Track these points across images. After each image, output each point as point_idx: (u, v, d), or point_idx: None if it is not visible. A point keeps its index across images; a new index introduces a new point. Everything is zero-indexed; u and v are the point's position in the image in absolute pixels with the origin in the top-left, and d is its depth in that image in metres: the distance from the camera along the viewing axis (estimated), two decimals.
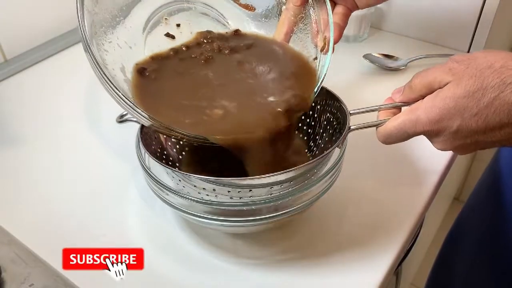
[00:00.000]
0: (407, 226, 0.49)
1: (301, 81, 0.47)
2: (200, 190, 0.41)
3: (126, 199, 0.52)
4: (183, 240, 0.48)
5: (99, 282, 0.44)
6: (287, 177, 0.40)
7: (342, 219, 0.50)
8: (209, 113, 0.43)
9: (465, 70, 0.37)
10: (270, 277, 0.45)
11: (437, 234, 1.28)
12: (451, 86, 0.37)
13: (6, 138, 0.61)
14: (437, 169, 0.55)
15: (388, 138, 0.42)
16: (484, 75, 0.36)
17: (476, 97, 0.36)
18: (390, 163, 0.56)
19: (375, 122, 0.43)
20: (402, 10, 0.79)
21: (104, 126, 0.62)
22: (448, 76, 0.37)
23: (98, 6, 0.43)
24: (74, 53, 0.78)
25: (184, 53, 0.50)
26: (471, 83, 0.36)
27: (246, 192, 0.40)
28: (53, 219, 0.50)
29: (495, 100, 0.35)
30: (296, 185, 0.41)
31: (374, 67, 0.72)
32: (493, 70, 0.36)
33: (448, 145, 0.40)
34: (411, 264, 1.02)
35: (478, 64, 0.36)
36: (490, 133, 0.37)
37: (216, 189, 0.40)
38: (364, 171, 0.55)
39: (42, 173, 0.56)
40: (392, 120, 0.41)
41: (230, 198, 0.41)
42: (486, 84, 0.35)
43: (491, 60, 0.36)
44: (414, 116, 0.39)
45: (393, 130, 0.41)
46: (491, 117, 0.36)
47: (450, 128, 0.38)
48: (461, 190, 1.42)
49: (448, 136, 0.39)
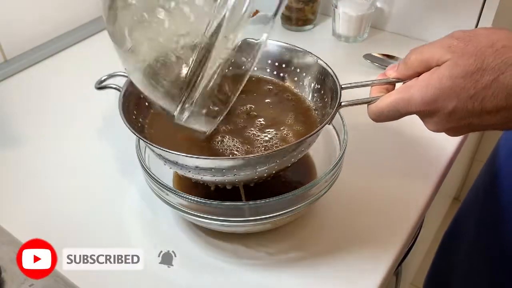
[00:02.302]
0: (407, 226, 0.49)
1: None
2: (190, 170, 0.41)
3: (126, 199, 0.52)
4: (183, 240, 0.48)
5: (99, 282, 0.44)
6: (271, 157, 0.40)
7: (342, 219, 0.50)
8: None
9: (464, 48, 0.35)
10: (270, 277, 0.45)
11: (437, 234, 1.28)
12: (449, 64, 0.35)
13: (6, 138, 0.61)
14: (437, 169, 0.55)
15: (379, 116, 0.40)
16: (484, 55, 0.34)
17: (475, 78, 0.34)
18: (389, 163, 0.56)
19: (367, 99, 0.41)
20: (402, 10, 0.79)
21: (104, 125, 0.62)
22: (447, 54, 0.35)
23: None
24: (74, 52, 0.78)
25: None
26: (470, 63, 0.34)
27: (231, 171, 0.40)
28: (53, 219, 0.50)
29: (494, 83, 0.33)
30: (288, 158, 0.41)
31: (374, 67, 0.72)
32: (495, 49, 0.34)
33: (441, 127, 0.38)
34: (411, 264, 1.02)
35: (479, 42, 0.34)
36: (485, 116, 0.35)
37: (200, 166, 0.40)
38: (364, 172, 0.55)
39: (42, 173, 0.56)
40: (385, 97, 0.39)
41: (213, 176, 0.41)
42: (486, 65, 0.33)
43: (494, 38, 0.34)
44: (408, 94, 0.37)
45: (384, 108, 0.39)
46: (488, 99, 0.34)
47: (445, 109, 0.36)
48: (461, 190, 1.42)
49: (442, 117, 0.37)
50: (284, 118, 0.47)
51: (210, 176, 0.41)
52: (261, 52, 0.43)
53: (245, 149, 0.44)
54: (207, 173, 0.41)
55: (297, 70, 0.50)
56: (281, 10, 0.42)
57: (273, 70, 0.51)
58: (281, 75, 0.51)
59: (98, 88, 0.49)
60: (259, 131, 0.46)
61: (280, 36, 0.82)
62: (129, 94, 0.46)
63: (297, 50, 0.49)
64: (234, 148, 0.44)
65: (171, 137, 0.45)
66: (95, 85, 0.50)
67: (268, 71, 0.52)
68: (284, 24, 0.83)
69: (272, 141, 0.45)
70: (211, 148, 0.44)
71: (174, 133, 0.45)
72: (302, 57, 0.49)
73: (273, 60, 0.51)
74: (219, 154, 0.44)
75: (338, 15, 0.77)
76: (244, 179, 0.42)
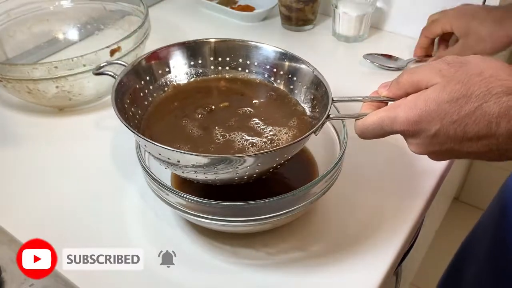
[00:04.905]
0: (407, 226, 0.49)
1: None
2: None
3: (126, 199, 0.52)
4: (183, 240, 0.48)
5: (99, 282, 0.44)
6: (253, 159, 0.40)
7: (342, 219, 0.50)
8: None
9: (454, 73, 0.35)
10: (270, 277, 0.45)
11: (437, 234, 1.28)
12: (437, 88, 0.36)
13: (6, 138, 0.61)
14: (437, 169, 0.55)
15: (364, 133, 0.40)
16: (471, 82, 0.34)
17: (459, 103, 0.34)
18: (389, 163, 0.56)
19: (355, 114, 0.41)
20: (402, 10, 0.79)
21: (105, 125, 0.62)
22: (436, 77, 0.36)
23: None
24: (74, 52, 0.78)
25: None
26: (457, 89, 0.35)
27: (211, 168, 0.40)
28: (53, 219, 0.50)
29: (477, 110, 0.34)
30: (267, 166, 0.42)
31: (374, 67, 0.72)
32: (482, 78, 0.34)
33: (423, 149, 0.38)
34: (411, 264, 1.02)
35: (469, 69, 0.35)
36: (466, 143, 0.36)
37: (181, 161, 0.40)
38: (363, 172, 0.55)
39: (42, 173, 0.56)
40: (372, 114, 0.39)
41: (194, 173, 0.41)
42: (471, 92, 0.34)
43: (483, 67, 0.35)
44: (394, 113, 0.37)
45: (370, 125, 0.39)
46: (470, 126, 0.35)
47: (428, 131, 0.36)
48: (461, 190, 1.42)
49: (424, 140, 0.37)
50: (279, 120, 0.48)
51: (192, 172, 0.41)
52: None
53: (236, 146, 0.45)
54: (189, 170, 0.41)
55: (294, 78, 0.50)
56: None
57: (270, 75, 0.52)
58: (278, 81, 0.52)
59: (95, 74, 0.50)
60: (249, 133, 0.46)
61: (280, 36, 0.82)
62: (124, 84, 0.46)
63: (295, 58, 0.50)
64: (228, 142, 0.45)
65: (169, 133, 0.46)
66: (92, 71, 0.50)
67: (265, 76, 0.52)
68: (284, 24, 0.83)
69: (258, 145, 0.45)
70: (205, 143, 0.45)
71: (172, 129, 0.46)
72: (299, 65, 0.50)
73: (270, 66, 0.52)
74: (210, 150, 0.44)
75: (338, 15, 0.77)
76: (225, 178, 0.42)
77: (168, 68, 0.51)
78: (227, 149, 0.45)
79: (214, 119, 0.48)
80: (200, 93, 0.51)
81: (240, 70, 0.53)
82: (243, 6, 0.89)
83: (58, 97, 0.62)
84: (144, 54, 0.49)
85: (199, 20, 0.87)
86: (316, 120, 0.46)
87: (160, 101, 0.50)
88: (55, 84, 0.59)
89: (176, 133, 0.46)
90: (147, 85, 0.49)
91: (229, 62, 0.52)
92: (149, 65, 0.50)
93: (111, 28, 0.77)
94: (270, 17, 0.87)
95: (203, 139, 0.46)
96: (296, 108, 0.49)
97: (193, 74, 0.52)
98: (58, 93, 0.61)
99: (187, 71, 0.52)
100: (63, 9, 0.76)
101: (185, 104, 0.50)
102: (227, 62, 0.52)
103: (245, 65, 0.52)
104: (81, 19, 0.77)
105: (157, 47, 0.51)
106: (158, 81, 0.50)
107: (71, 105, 0.65)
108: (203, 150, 0.44)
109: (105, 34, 0.76)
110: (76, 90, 0.62)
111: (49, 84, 0.59)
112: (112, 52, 0.61)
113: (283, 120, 0.48)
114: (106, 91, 0.65)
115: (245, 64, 0.52)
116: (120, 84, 0.46)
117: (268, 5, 0.84)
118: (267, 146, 0.45)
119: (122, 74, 0.46)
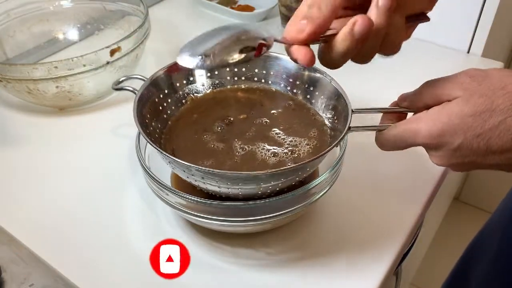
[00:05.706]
0: (407, 226, 0.49)
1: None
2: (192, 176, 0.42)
3: (126, 199, 0.52)
4: (183, 240, 0.48)
5: (99, 282, 0.44)
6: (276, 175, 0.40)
7: (342, 220, 0.50)
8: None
9: (477, 87, 0.35)
10: (270, 277, 0.45)
11: (437, 234, 1.28)
12: (459, 101, 0.36)
13: (6, 138, 0.61)
14: (437, 169, 0.55)
15: (385, 145, 0.41)
16: (495, 96, 0.34)
17: (483, 117, 0.35)
18: (389, 163, 0.56)
19: (376, 126, 0.42)
20: None
21: (105, 125, 0.62)
22: (458, 91, 0.36)
23: None
24: (74, 52, 0.78)
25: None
26: (480, 102, 0.35)
27: (235, 184, 0.40)
28: (53, 219, 0.50)
29: (501, 124, 0.34)
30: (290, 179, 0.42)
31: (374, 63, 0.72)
32: (506, 91, 0.34)
33: (445, 161, 0.38)
34: (411, 264, 1.02)
35: (492, 83, 0.35)
36: (490, 156, 0.36)
37: (205, 177, 0.40)
38: (364, 171, 0.55)
39: (42, 173, 0.56)
40: (393, 127, 0.40)
41: (218, 188, 0.41)
42: (496, 106, 0.34)
43: (506, 81, 0.35)
44: (416, 127, 0.38)
45: (391, 138, 0.40)
46: (494, 140, 0.35)
47: (451, 144, 0.36)
48: (461, 190, 1.42)
49: (447, 153, 0.37)
50: (299, 130, 0.48)
51: (215, 185, 0.41)
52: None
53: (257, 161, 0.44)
54: (212, 182, 0.41)
55: (311, 88, 0.50)
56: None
57: (287, 85, 0.51)
58: (294, 90, 0.51)
59: (115, 89, 0.50)
60: (269, 143, 0.46)
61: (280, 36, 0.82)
62: (144, 98, 0.46)
63: (314, 68, 0.49)
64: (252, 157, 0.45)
65: (190, 147, 0.46)
66: (112, 86, 0.50)
67: (282, 86, 0.52)
68: (284, 24, 0.83)
69: (280, 156, 0.45)
70: (220, 154, 0.45)
71: (194, 143, 0.46)
72: (317, 75, 0.49)
73: (287, 76, 0.51)
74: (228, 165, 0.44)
75: None
76: (247, 193, 0.42)
77: (186, 80, 0.51)
78: (249, 161, 0.44)
79: (234, 131, 0.48)
80: (218, 105, 0.51)
81: (256, 80, 0.52)
82: (243, 6, 0.89)
83: (58, 97, 0.62)
84: (163, 68, 0.49)
85: (199, 20, 0.87)
86: (337, 131, 0.46)
87: (179, 115, 0.49)
88: (55, 84, 0.59)
89: (198, 147, 0.46)
90: (166, 98, 0.49)
91: (245, 72, 0.52)
92: (168, 77, 0.49)
93: (111, 28, 0.77)
94: (270, 17, 0.87)
95: (224, 152, 0.45)
96: (315, 118, 0.49)
97: (210, 85, 0.52)
98: (58, 93, 0.61)
99: (203, 82, 0.52)
100: (63, 9, 0.76)
101: (204, 116, 0.49)
102: (243, 73, 0.52)
103: (262, 74, 0.52)
104: (81, 19, 0.77)
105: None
106: (177, 94, 0.50)
107: (71, 105, 0.65)
108: (230, 164, 0.44)
109: (105, 34, 0.76)
110: (76, 90, 0.62)
111: (49, 84, 0.59)
112: (112, 52, 0.61)
113: (302, 130, 0.47)
114: (106, 91, 0.65)
115: (261, 74, 0.52)
116: (141, 99, 0.45)
117: (268, 5, 0.84)
118: (288, 156, 0.45)
119: (142, 89, 0.46)
